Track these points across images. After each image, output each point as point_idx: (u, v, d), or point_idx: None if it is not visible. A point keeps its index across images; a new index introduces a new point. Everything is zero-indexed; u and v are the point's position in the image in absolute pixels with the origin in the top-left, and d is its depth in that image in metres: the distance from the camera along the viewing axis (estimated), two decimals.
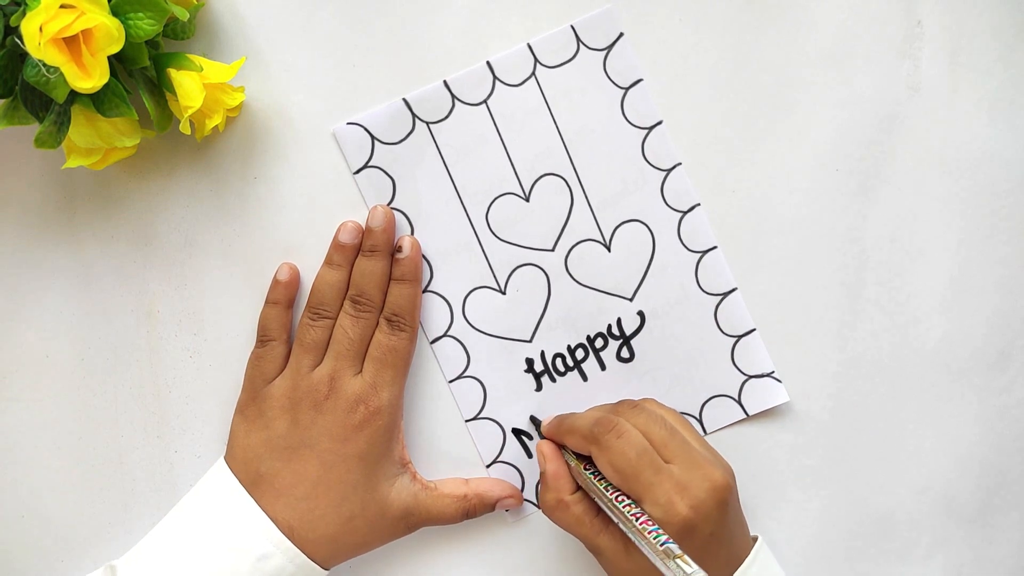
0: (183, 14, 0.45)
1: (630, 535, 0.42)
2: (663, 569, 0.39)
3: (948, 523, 0.53)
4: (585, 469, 0.46)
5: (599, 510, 0.46)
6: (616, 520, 0.43)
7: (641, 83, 0.51)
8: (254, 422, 0.49)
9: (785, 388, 0.52)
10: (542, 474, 0.48)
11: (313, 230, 0.51)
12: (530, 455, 0.52)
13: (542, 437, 0.51)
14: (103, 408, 0.52)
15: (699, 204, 0.52)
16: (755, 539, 0.47)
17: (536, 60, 0.51)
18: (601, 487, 0.44)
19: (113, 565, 0.47)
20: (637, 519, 0.42)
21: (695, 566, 0.38)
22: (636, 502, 0.43)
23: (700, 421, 0.52)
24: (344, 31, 0.50)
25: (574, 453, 0.48)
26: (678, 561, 0.39)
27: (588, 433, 0.46)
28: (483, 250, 0.51)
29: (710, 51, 0.51)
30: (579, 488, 0.47)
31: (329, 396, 0.48)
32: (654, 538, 0.40)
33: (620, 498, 0.43)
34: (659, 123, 0.51)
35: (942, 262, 0.52)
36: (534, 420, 0.52)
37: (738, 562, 0.45)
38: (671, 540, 0.40)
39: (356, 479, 0.48)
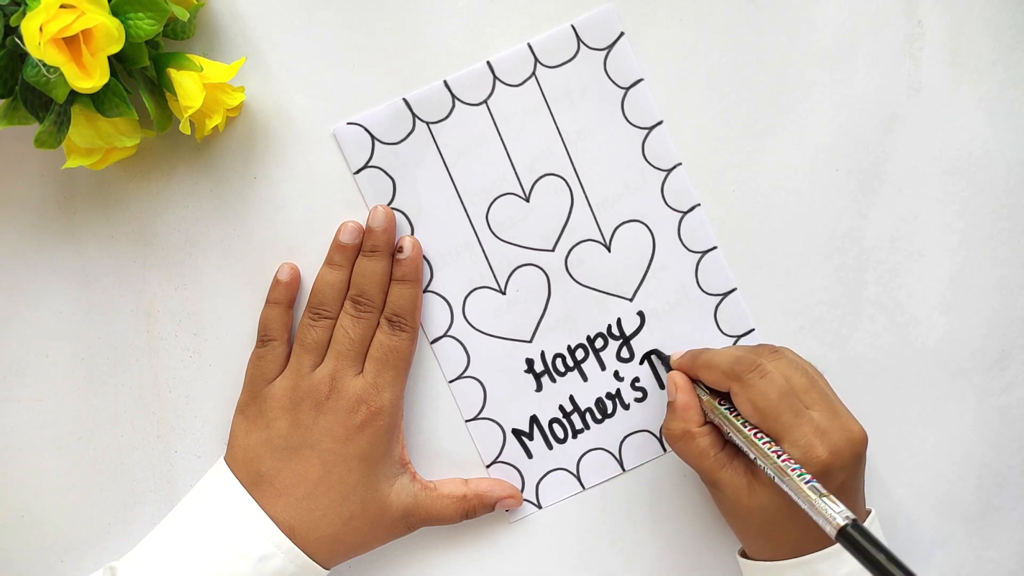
0: (183, 14, 0.45)
1: (769, 472, 0.42)
2: (805, 507, 0.39)
3: (948, 523, 0.53)
4: (719, 403, 0.46)
5: (723, 446, 0.46)
6: (753, 456, 0.43)
7: (641, 83, 0.51)
8: (254, 422, 0.49)
9: None
10: (671, 404, 0.48)
11: (313, 230, 0.51)
12: (530, 456, 0.52)
13: (668, 371, 0.50)
14: (103, 408, 0.52)
15: (699, 204, 0.52)
16: (868, 512, 0.47)
17: (536, 60, 0.51)
18: (739, 423, 0.44)
19: (113, 566, 0.47)
20: (779, 456, 0.42)
21: (842, 505, 0.38)
22: (775, 441, 0.43)
23: None
24: (344, 31, 0.50)
25: (707, 389, 0.48)
26: (825, 499, 0.39)
27: (729, 370, 0.45)
28: (483, 250, 0.51)
29: (710, 51, 0.51)
30: (706, 423, 0.47)
31: (330, 396, 0.48)
32: (798, 476, 0.40)
33: (759, 435, 0.43)
34: (659, 123, 0.51)
35: (942, 262, 0.52)
36: (660, 354, 0.52)
37: None
38: (815, 480, 0.40)
39: (357, 479, 0.48)
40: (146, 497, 0.52)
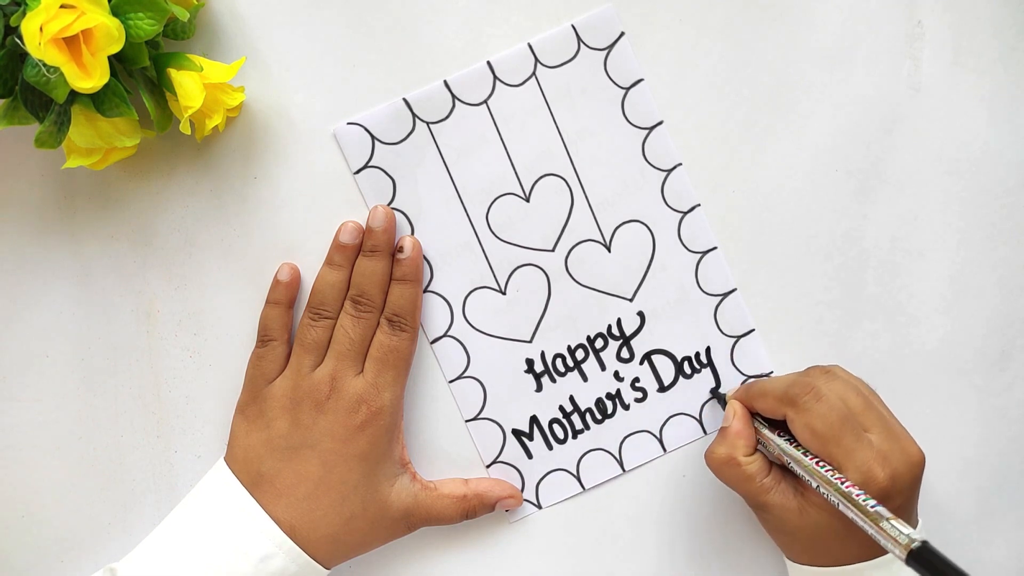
0: (183, 14, 0.45)
1: (833, 499, 0.42)
2: (872, 532, 0.39)
3: (948, 523, 0.53)
4: (778, 435, 0.46)
5: (769, 470, 0.46)
6: (816, 484, 0.43)
7: (641, 83, 0.51)
8: (255, 422, 0.49)
9: None
10: (723, 430, 0.48)
11: (313, 230, 0.51)
12: (530, 456, 0.52)
13: (724, 407, 0.50)
14: (103, 408, 0.52)
15: (699, 204, 0.52)
16: (917, 523, 0.47)
17: (536, 60, 0.51)
18: (799, 452, 0.44)
19: (113, 568, 0.47)
20: (842, 483, 0.41)
21: (911, 528, 0.38)
22: (835, 468, 0.43)
23: (700, 422, 0.52)
24: (344, 31, 0.50)
25: (764, 421, 0.48)
26: (893, 522, 0.39)
27: (783, 395, 0.45)
28: (483, 250, 0.51)
29: (710, 51, 0.51)
30: (755, 452, 0.47)
31: (330, 396, 0.48)
32: (863, 500, 0.40)
33: (820, 463, 0.43)
34: (659, 123, 0.51)
35: (942, 262, 0.52)
36: (716, 392, 0.52)
37: None
38: (879, 504, 0.40)
39: (357, 479, 0.48)
40: (146, 497, 0.52)
